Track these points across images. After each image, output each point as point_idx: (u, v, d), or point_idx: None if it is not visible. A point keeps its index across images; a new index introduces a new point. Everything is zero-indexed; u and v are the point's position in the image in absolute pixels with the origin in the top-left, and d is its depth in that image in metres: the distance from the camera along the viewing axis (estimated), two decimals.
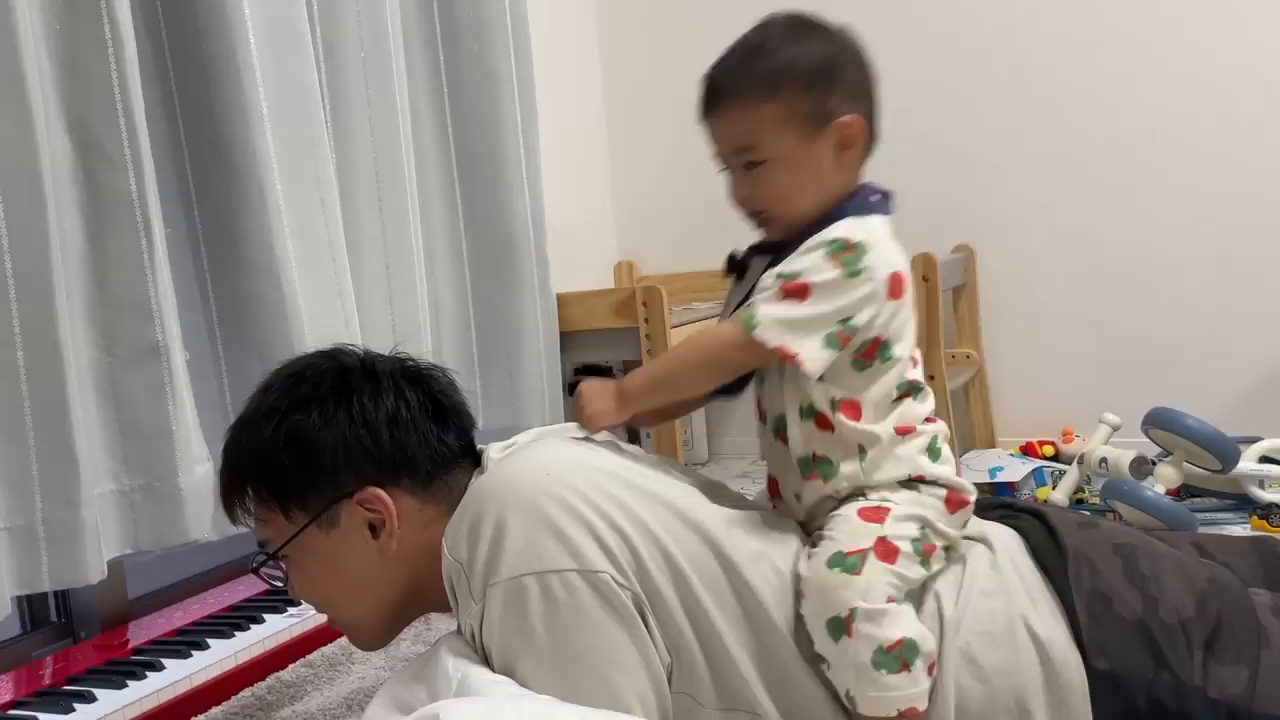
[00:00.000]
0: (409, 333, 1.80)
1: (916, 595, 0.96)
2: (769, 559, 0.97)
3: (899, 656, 0.90)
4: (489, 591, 0.91)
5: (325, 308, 1.61)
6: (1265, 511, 1.78)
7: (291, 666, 1.50)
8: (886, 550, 0.94)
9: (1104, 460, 1.92)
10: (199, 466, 1.43)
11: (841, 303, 0.96)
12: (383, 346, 1.12)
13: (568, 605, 0.90)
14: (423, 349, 1.80)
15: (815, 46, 1.02)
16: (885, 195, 1.05)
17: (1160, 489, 1.82)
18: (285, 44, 1.59)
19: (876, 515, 0.96)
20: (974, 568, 0.99)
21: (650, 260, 2.87)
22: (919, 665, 0.91)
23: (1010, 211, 2.47)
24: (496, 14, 2.01)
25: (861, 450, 0.99)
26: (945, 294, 2.32)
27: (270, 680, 1.46)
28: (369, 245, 1.78)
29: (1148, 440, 1.93)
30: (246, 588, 1.70)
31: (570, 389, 2.62)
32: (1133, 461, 1.87)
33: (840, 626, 0.91)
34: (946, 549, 0.99)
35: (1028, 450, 2.37)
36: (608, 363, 2.71)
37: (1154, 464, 1.88)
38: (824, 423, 0.99)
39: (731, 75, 1.03)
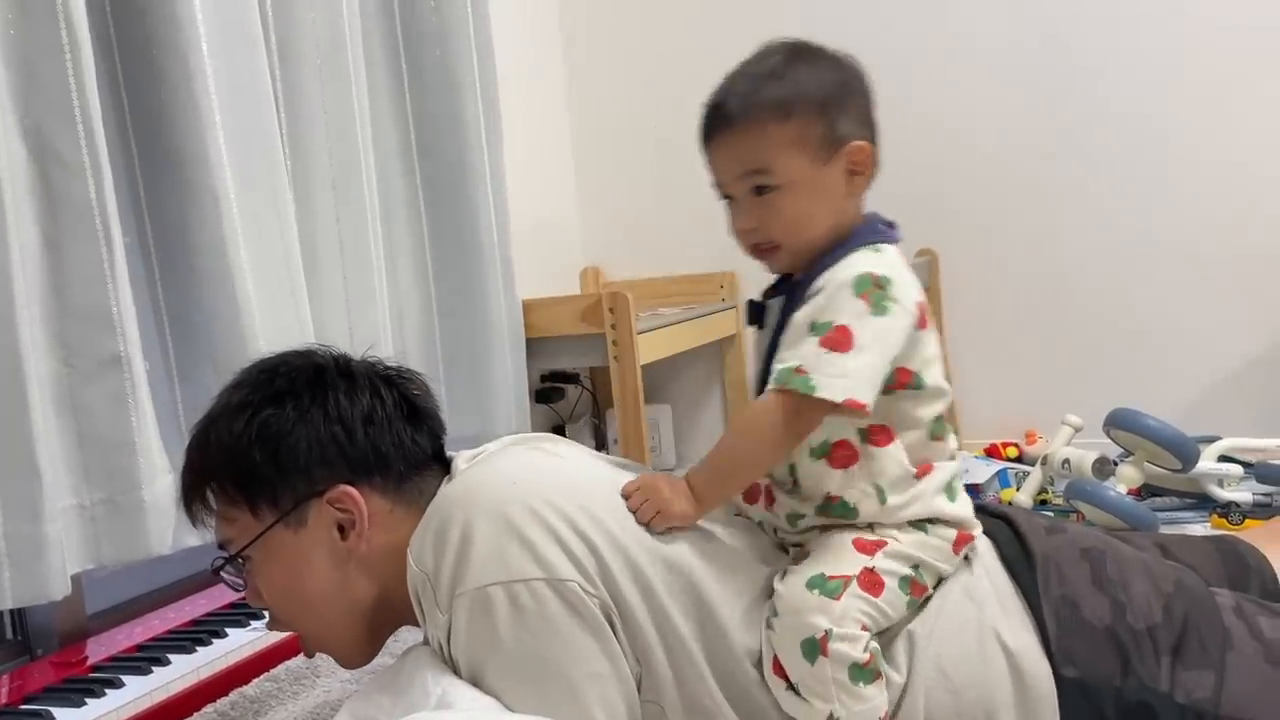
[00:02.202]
0: (369, 341, 1.78)
1: None
2: (734, 579, 0.97)
3: (874, 669, 0.91)
4: (455, 602, 0.90)
5: (280, 317, 1.59)
6: (1224, 510, 1.81)
7: (255, 681, 1.47)
8: (871, 582, 0.93)
9: (1067, 461, 1.94)
10: (160, 479, 1.40)
11: (888, 341, 0.94)
12: None
13: (535, 614, 0.89)
14: (390, 356, 1.78)
15: (825, 72, 1.02)
16: (892, 225, 1.04)
17: (1122, 489, 1.84)
18: (238, 49, 1.56)
19: (870, 547, 0.95)
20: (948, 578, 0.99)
21: (617, 266, 2.86)
22: (885, 676, 0.92)
23: (972, 217, 2.49)
24: (459, 17, 2.00)
25: (880, 492, 0.96)
26: None
27: (234, 696, 1.43)
28: (326, 253, 1.75)
29: (1109, 441, 1.95)
30: (208, 601, 1.67)
31: (537, 396, 2.62)
32: (1095, 462, 1.89)
33: (815, 648, 0.91)
34: (938, 581, 0.99)
35: (991, 452, 2.39)
36: (574, 369, 2.70)
37: (1116, 464, 1.90)
38: (843, 458, 0.96)
39: (742, 99, 1.00)
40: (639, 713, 0.94)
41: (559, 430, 2.65)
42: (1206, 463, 1.84)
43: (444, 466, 1.07)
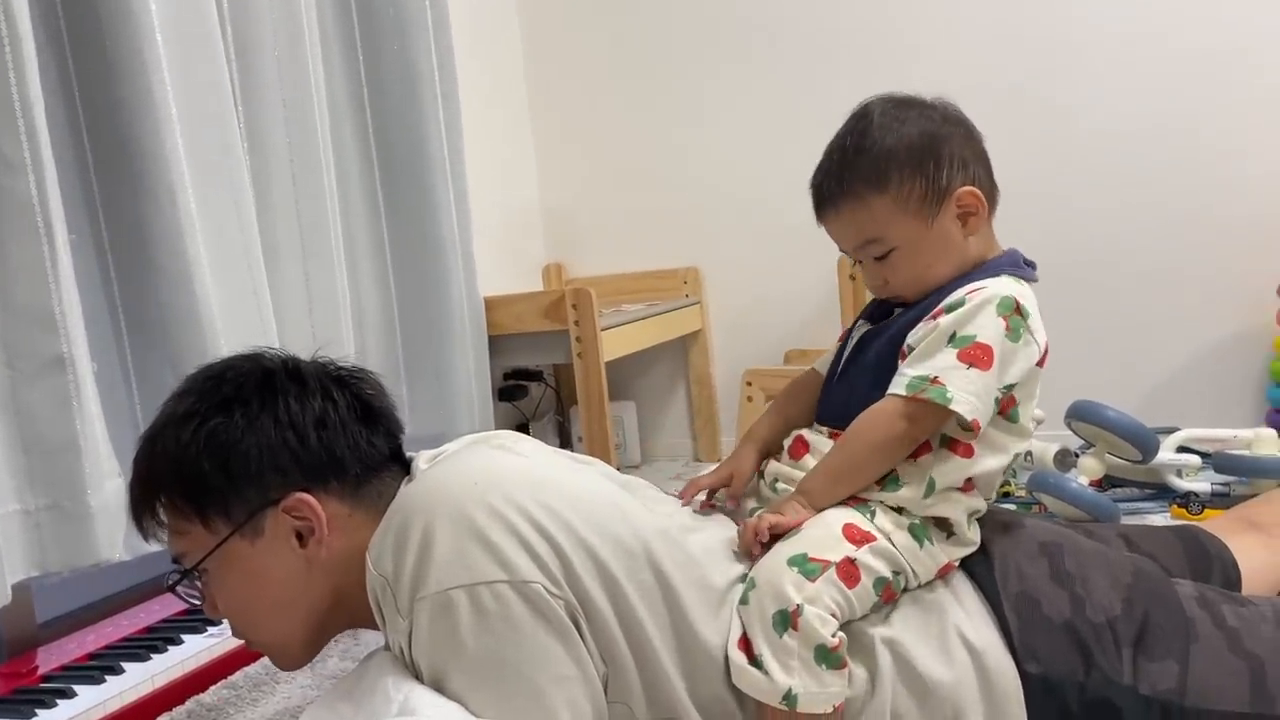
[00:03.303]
0: (331, 338, 1.76)
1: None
2: (701, 572, 0.96)
3: (840, 656, 0.90)
4: (416, 606, 0.88)
5: (241, 314, 1.56)
6: (1184, 500, 1.83)
7: (212, 689, 1.44)
8: (848, 573, 0.93)
9: (1029, 453, 1.95)
10: (109, 483, 1.36)
11: (1014, 370, 0.95)
12: (303, 353, 1.07)
13: (499, 617, 0.87)
14: (346, 355, 1.74)
15: (913, 127, 1.03)
16: (1032, 264, 1.05)
17: (1084, 480, 1.85)
18: (194, 41, 1.53)
19: (858, 539, 0.95)
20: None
21: (580, 262, 2.85)
22: (849, 668, 0.91)
23: None
24: (417, 12, 1.97)
25: (931, 486, 0.96)
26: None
27: (190, 704, 1.40)
28: (287, 249, 1.72)
29: (1071, 433, 1.97)
30: (163, 608, 1.63)
31: (500, 394, 2.59)
32: (1057, 454, 1.90)
33: (787, 620, 0.90)
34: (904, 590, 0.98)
35: None
36: (538, 366, 2.68)
37: (1077, 456, 1.91)
38: (921, 449, 0.97)
39: (837, 178, 1.03)
40: (606, 714, 0.93)
41: (522, 428, 2.63)
42: (1166, 453, 1.86)
43: (403, 467, 1.04)
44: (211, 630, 1.54)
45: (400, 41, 1.96)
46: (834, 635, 0.90)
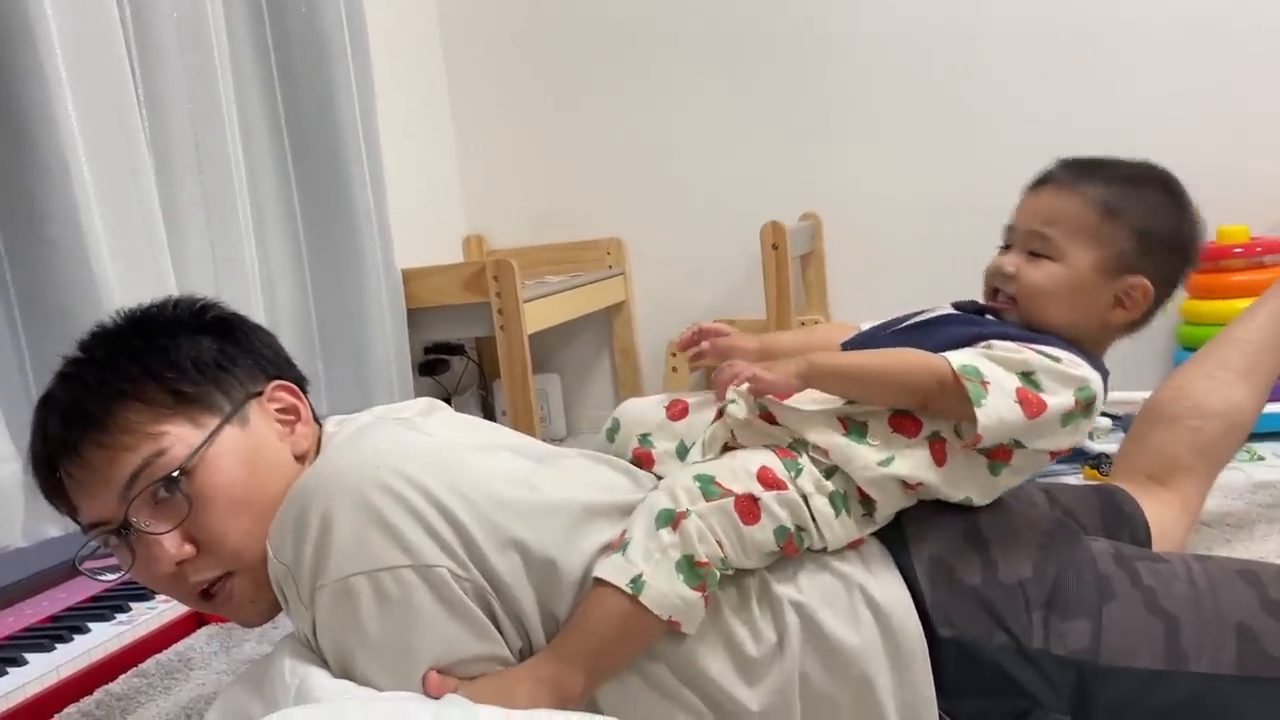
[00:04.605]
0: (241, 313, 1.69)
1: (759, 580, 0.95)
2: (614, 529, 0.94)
3: (702, 575, 0.89)
4: (317, 595, 0.85)
5: (142, 290, 1.49)
6: (1096, 461, 1.87)
7: (122, 678, 1.40)
8: (747, 509, 0.91)
9: None
10: (5, 467, 1.30)
11: (1041, 441, 0.94)
12: None
13: (402, 603, 0.85)
14: None
15: (1170, 212, 1.03)
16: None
17: None
18: (86, 2, 1.45)
19: (770, 483, 0.93)
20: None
21: (500, 233, 2.80)
22: (705, 596, 0.89)
23: (853, 180, 2.52)
24: None
25: (889, 460, 0.94)
26: (794, 261, 2.35)
27: (99, 694, 1.35)
28: (191, 221, 1.65)
29: None
30: (68, 595, 1.57)
31: (421, 369, 2.55)
32: None
33: (669, 518, 0.90)
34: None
35: None
36: (459, 340, 2.64)
37: None
38: (912, 425, 0.96)
39: (1088, 176, 1.03)
40: None
41: (444, 403, 2.59)
42: None
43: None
44: (120, 618, 1.49)
45: (308, 4, 1.89)
46: (706, 556, 0.89)
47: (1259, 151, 2.21)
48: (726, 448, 1.00)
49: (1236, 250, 2.08)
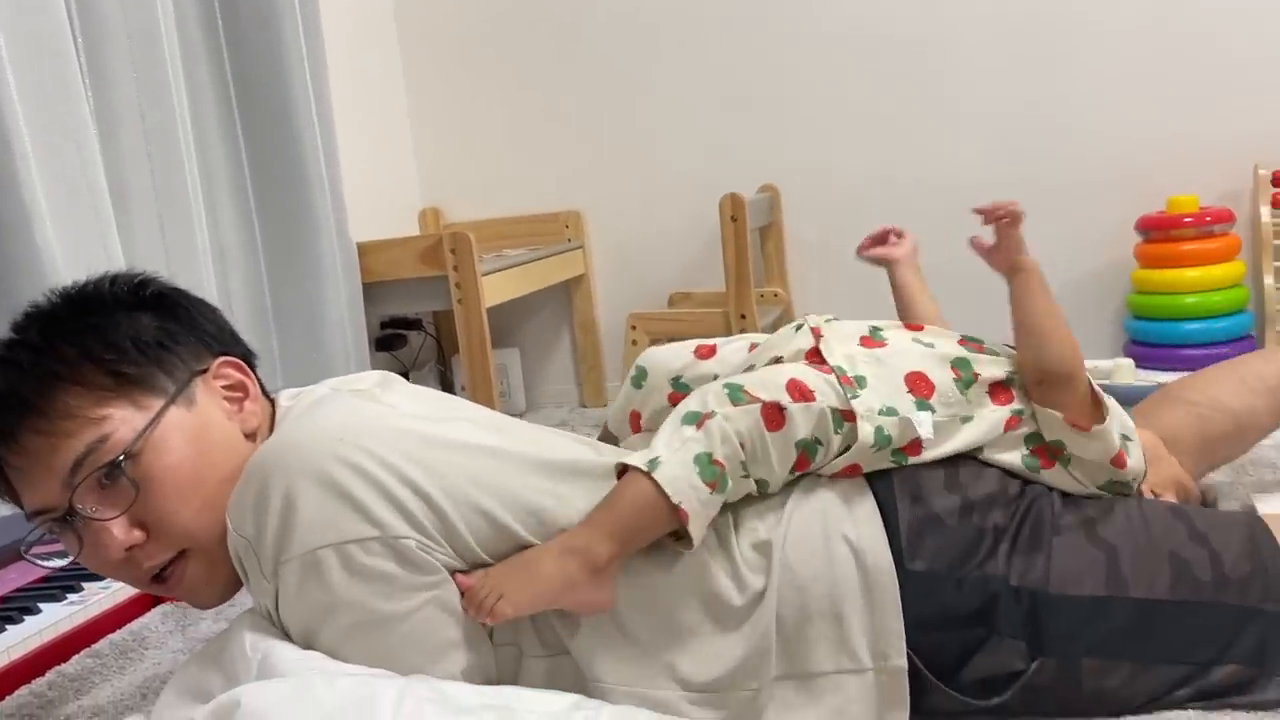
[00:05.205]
0: (191, 287, 1.66)
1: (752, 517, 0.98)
2: (590, 490, 0.95)
3: (716, 474, 0.92)
4: (282, 569, 0.85)
5: (88, 262, 1.45)
6: None
7: (75, 658, 1.37)
8: (772, 417, 0.95)
9: None
10: None
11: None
12: None
13: (372, 572, 0.84)
14: None
15: None
16: None
17: None
18: None
19: (799, 394, 0.97)
20: (799, 492, 1.00)
21: (457, 206, 2.77)
22: (716, 498, 0.92)
23: (812, 152, 2.52)
24: None
25: (968, 420, 1.03)
26: (753, 234, 2.35)
27: (51, 675, 1.32)
28: (138, 194, 1.61)
29: None
30: (18, 575, 1.53)
31: (378, 343, 2.52)
32: None
33: (695, 419, 0.94)
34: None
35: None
36: (416, 314, 2.61)
37: None
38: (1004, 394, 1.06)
39: None
40: (491, 662, 0.92)
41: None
42: None
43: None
44: (71, 598, 1.45)
45: None
46: (724, 457, 0.92)
47: (1208, 123, 2.25)
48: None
49: (1186, 220, 2.11)
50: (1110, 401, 1.06)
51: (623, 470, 0.93)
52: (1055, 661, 0.94)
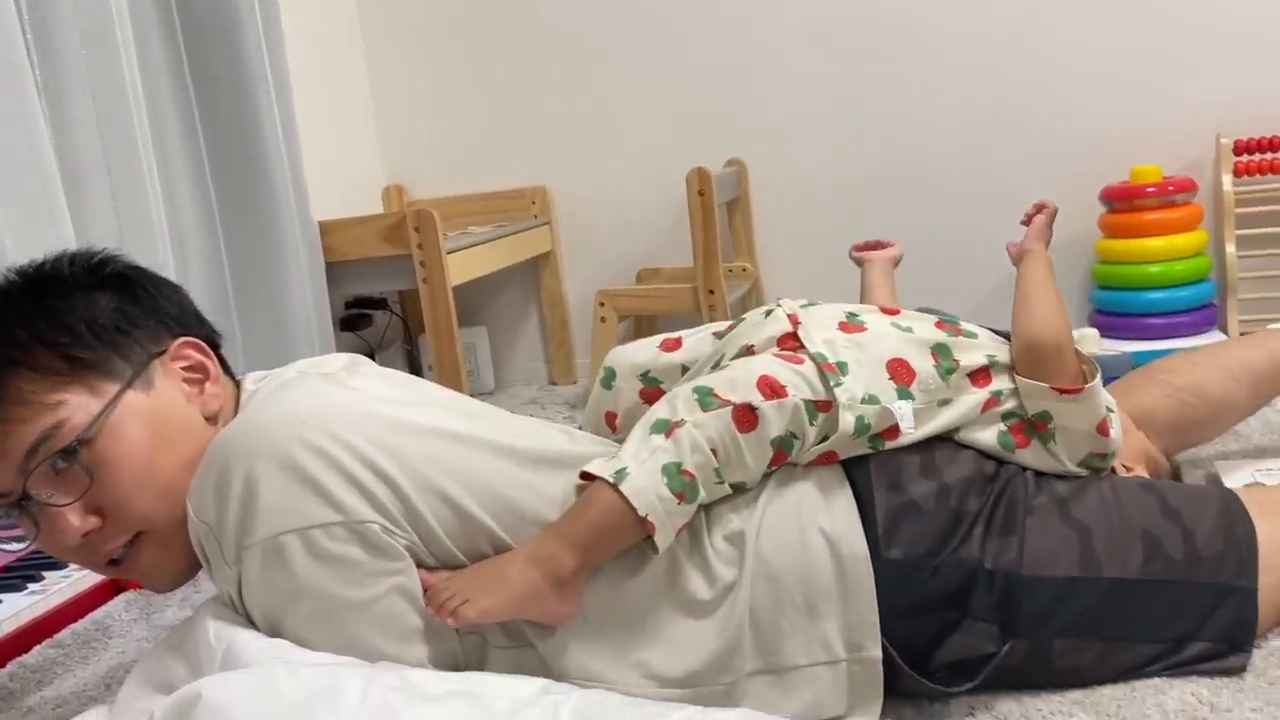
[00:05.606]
0: (148, 267, 1.62)
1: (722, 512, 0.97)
2: (560, 480, 0.94)
3: (685, 484, 0.91)
4: (244, 554, 0.83)
5: (37, 242, 1.41)
6: None
7: (36, 649, 1.35)
8: (743, 418, 0.94)
9: None
10: None
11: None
12: None
13: (336, 558, 0.83)
14: None
15: None
16: None
17: None
18: None
19: (770, 391, 0.95)
20: (774, 482, 0.99)
21: (421, 183, 2.73)
22: (685, 508, 0.91)
23: (778, 126, 2.50)
24: None
25: (946, 403, 1.02)
26: (721, 208, 2.33)
27: (12, 667, 1.31)
28: (91, 173, 1.57)
29: None
30: None
31: (343, 324, 2.49)
32: None
33: (664, 427, 0.93)
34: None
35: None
36: (381, 294, 2.58)
37: None
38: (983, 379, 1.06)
39: None
40: (458, 647, 0.91)
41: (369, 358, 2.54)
42: None
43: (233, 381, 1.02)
44: (32, 588, 1.43)
45: None
46: (694, 467, 0.91)
47: (1172, 92, 2.25)
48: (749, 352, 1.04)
49: (1149, 189, 2.12)
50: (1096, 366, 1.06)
51: (587, 476, 0.92)
52: (1027, 643, 0.94)
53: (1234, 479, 1.31)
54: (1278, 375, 1.31)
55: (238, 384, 1.02)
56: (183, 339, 0.97)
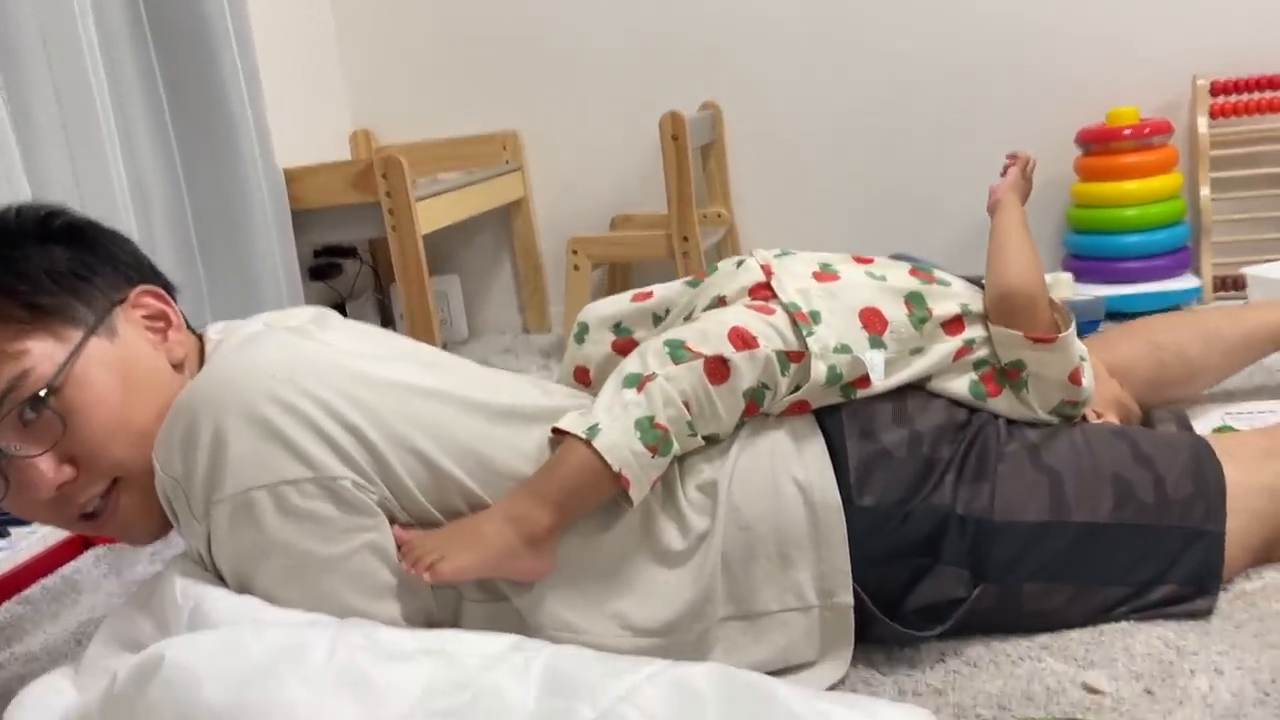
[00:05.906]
0: (108, 221, 1.58)
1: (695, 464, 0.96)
2: (533, 434, 0.93)
3: (658, 438, 0.91)
4: (213, 510, 0.82)
5: None
6: None
7: (5, 606, 1.34)
8: (715, 369, 0.94)
9: None
10: None
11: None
12: None
13: (307, 514, 0.82)
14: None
15: None
16: None
17: None
18: None
19: (741, 342, 0.95)
20: (746, 431, 0.99)
21: (390, 128, 2.68)
22: (658, 461, 0.91)
23: (753, 69, 2.46)
24: None
25: (918, 352, 1.03)
26: (695, 153, 2.30)
27: None
28: (44, 122, 1.52)
29: None
30: None
31: (312, 273, 2.45)
32: None
33: (635, 381, 0.93)
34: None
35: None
36: (350, 242, 2.54)
37: None
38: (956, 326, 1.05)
39: None
40: (432, 604, 0.90)
41: (340, 309, 2.50)
42: None
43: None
44: None
45: None
46: (666, 420, 0.91)
47: (1148, 34, 2.23)
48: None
49: (1126, 132, 2.11)
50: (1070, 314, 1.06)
51: (559, 432, 0.91)
52: (997, 588, 0.95)
53: (1204, 422, 1.32)
54: (1251, 345, 1.35)
55: (199, 336, 1.00)
56: (142, 287, 0.95)
